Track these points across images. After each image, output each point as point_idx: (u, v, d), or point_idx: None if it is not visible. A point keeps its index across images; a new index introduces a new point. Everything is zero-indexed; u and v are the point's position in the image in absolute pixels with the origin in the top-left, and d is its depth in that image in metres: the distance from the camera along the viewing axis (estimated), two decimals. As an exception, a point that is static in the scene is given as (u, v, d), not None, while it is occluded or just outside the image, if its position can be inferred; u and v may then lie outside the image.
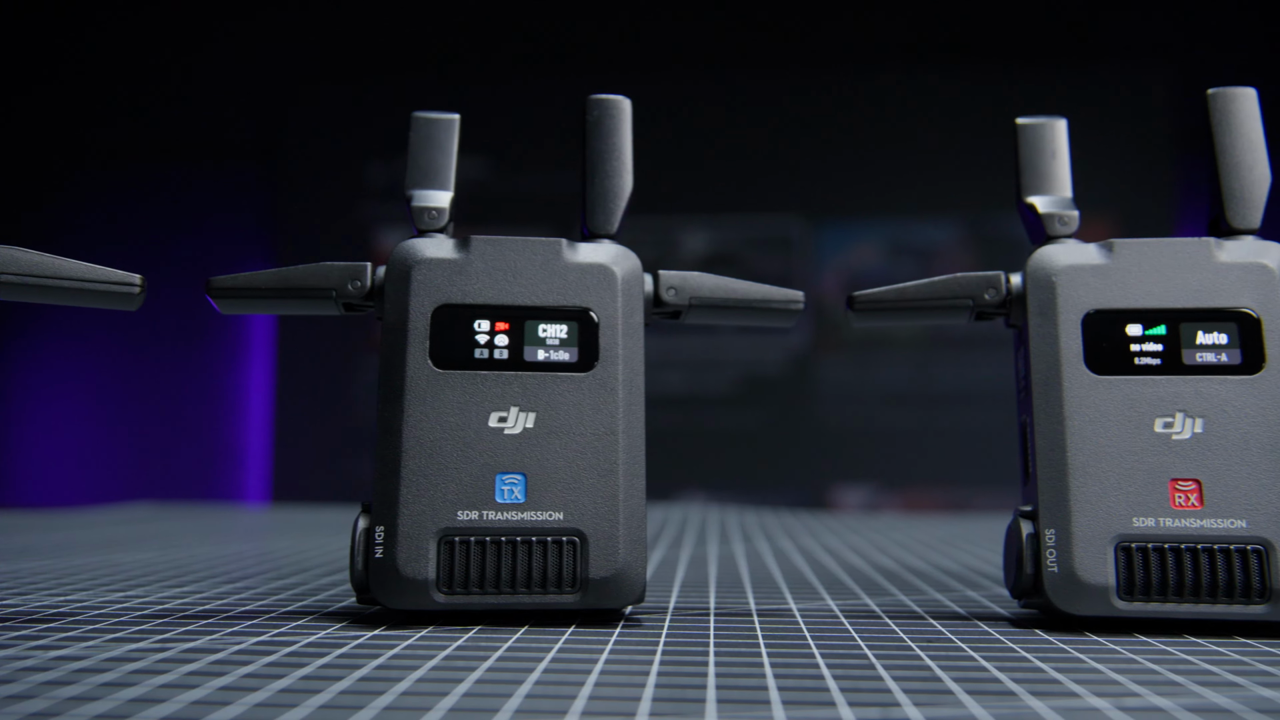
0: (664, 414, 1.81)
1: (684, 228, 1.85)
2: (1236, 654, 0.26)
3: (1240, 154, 0.32)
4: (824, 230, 1.83)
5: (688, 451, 1.80)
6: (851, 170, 1.79)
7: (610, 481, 0.30)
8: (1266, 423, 0.29)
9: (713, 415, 1.82)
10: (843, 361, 1.81)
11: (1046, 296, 0.31)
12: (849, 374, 1.81)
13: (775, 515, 0.83)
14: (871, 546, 0.56)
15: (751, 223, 1.84)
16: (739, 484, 1.77)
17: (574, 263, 0.31)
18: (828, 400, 1.81)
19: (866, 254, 1.81)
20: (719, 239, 1.85)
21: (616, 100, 0.34)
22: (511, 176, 1.83)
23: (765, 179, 1.82)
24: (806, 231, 1.82)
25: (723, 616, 0.32)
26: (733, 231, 1.85)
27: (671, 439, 1.79)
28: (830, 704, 0.21)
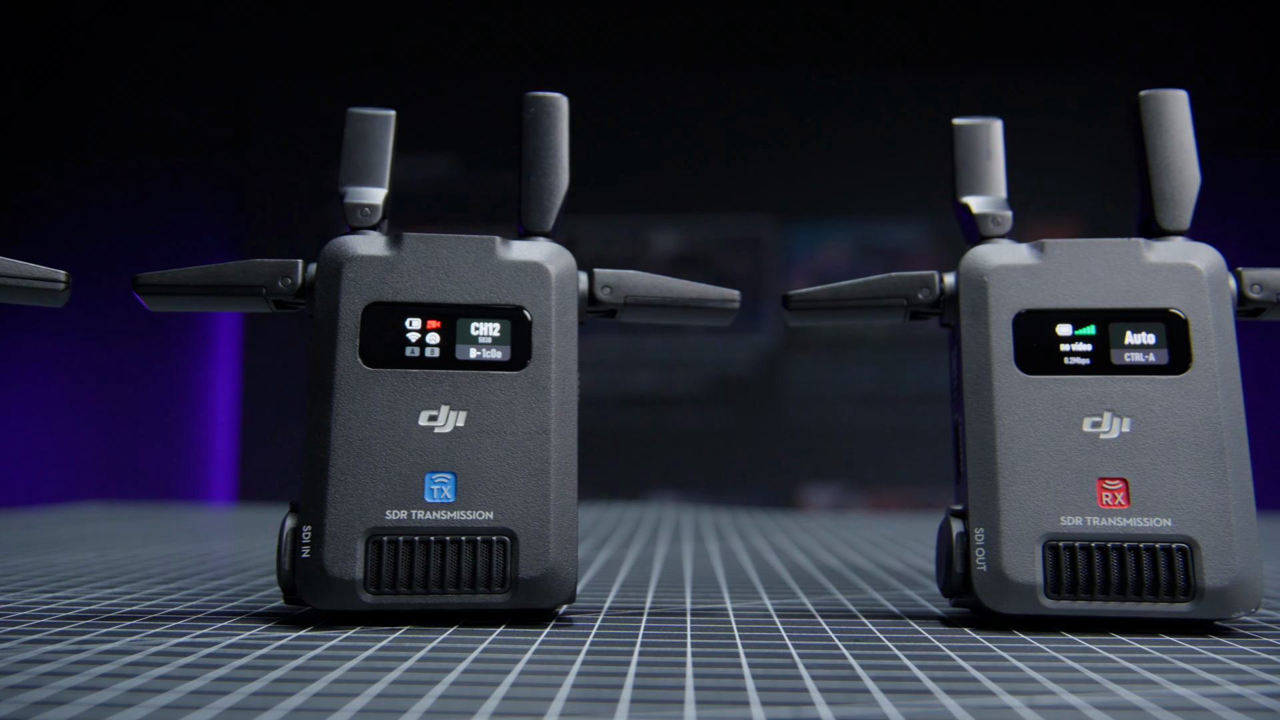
0: (634, 414, 1.81)
1: (654, 228, 1.85)
2: (1158, 652, 0.27)
3: (1170, 156, 0.32)
4: (793, 230, 1.83)
5: (657, 451, 1.80)
6: (821, 171, 1.80)
7: (541, 481, 0.30)
8: (1192, 422, 0.30)
9: (682, 415, 1.82)
10: (812, 362, 1.82)
11: (978, 296, 0.31)
12: (818, 374, 1.81)
13: (738, 515, 0.83)
14: (821, 547, 0.56)
15: (721, 223, 1.84)
16: (709, 484, 1.77)
17: (507, 260, 0.31)
18: (797, 400, 1.81)
19: (836, 254, 1.82)
20: (689, 239, 1.85)
21: (553, 98, 0.33)
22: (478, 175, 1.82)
23: (735, 179, 1.82)
24: (776, 232, 1.83)
25: (656, 616, 0.32)
26: (703, 231, 1.85)
27: (641, 439, 1.79)
28: (744, 704, 0.21)
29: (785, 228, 1.83)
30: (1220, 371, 0.30)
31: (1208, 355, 0.30)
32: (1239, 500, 0.29)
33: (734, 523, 0.74)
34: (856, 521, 0.82)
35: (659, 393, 1.83)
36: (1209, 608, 0.29)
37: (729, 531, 0.66)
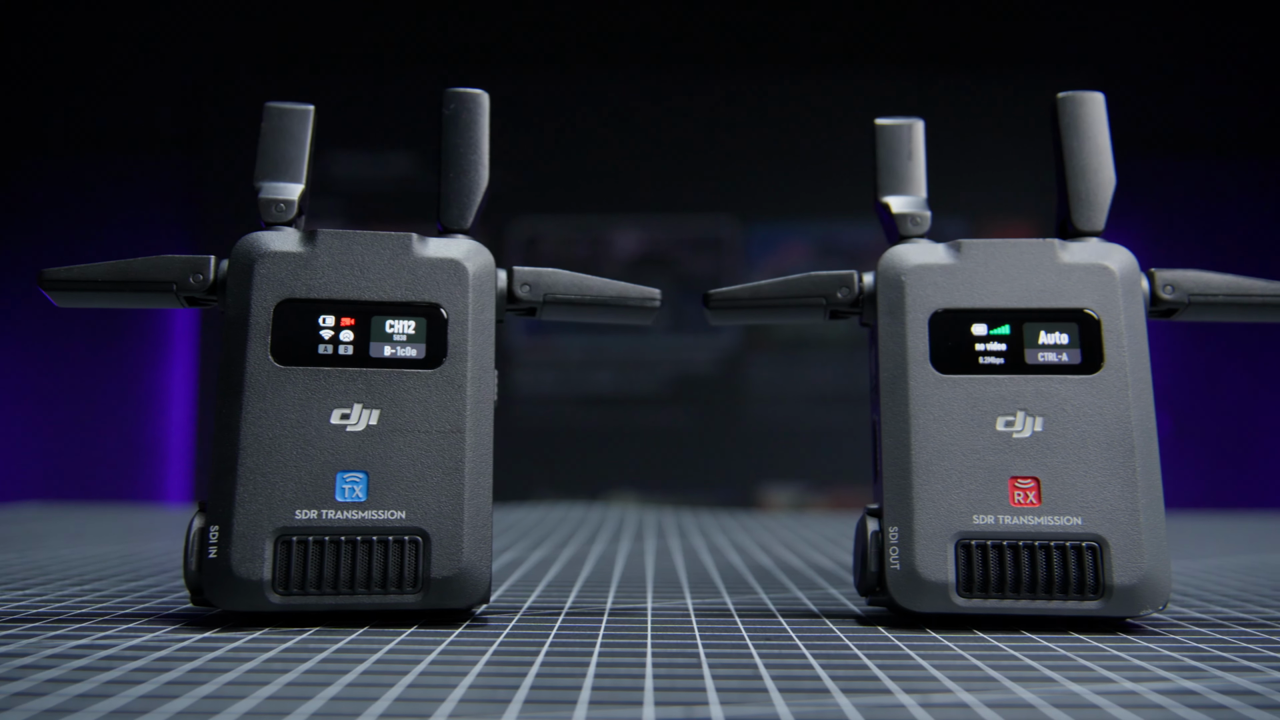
0: (594, 413, 1.80)
1: (615, 227, 1.85)
2: (1063, 649, 0.27)
3: (1087, 157, 0.32)
4: (754, 230, 1.84)
5: (618, 451, 1.79)
6: (782, 171, 1.80)
7: (455, 480, 0.30)
8: (1103, 422, 0.30)
9: (643, 415, 1.82)
10: (772, 361, 1.82)
11: (895, 296, 0.31)
12: (778, 373, 1.82)
13: (694, 515, 0.83)
14: (759, 547, 0.56)
15: (683, 223, 1.84)
16: (669, 483, 1.77)
17: (424, 258, 0.31)
18: (757, 400, 1.82)
19: (796, 254, 1.82)
20: (650, 239, 1.85)
21: (474, 94, 0.33)
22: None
23: (697, 180, 1.82)
24: (737, 232, 1.83)
25: (573, 616, 0.32)
26: (663, 231, 1.85)
27: (602, 438, 1.79)
28: (638, 704, 0.21)
29: (746, 228, 1.83)
30: (1131, 371, 0.30)
31: (1119, 355, 0.30)
32: (1148, 499, 0.29)
33: (688, 522, 0.74)
34: (811, 520, 0.82)
35: (620, 392, 1.83)
36: (1117, 605, 0.29)
37: (679, 531, 0.66)
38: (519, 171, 1.80)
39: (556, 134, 1.79)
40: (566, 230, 1.86)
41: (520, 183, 1.80)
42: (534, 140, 1.79)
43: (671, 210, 1.84)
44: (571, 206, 1.84)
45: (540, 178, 1.82)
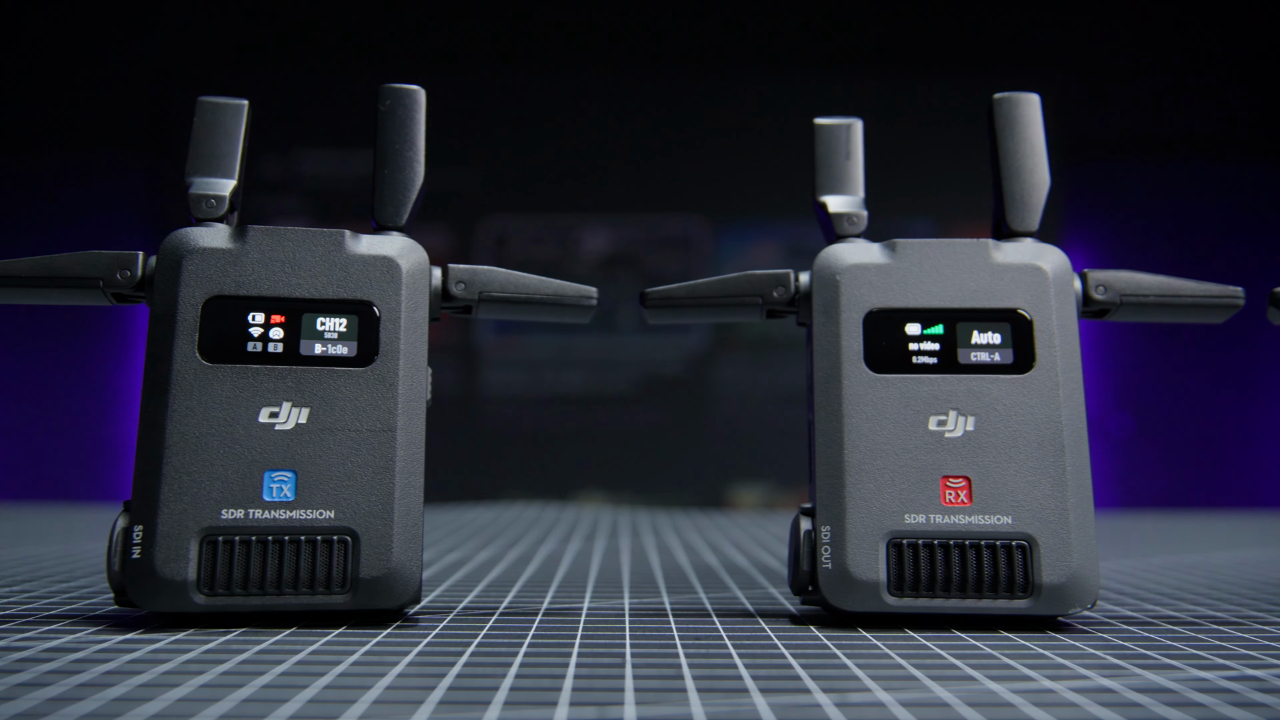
0: (562, 414, 1.80)
1: (584, 227, 1.84)
2: (990, 648, 0.27)
3: (1022, 158, 0.33)
4: (724, 231, 1.84)
5: (587, 451, 1.79)
6: (751, 172, 1.80)
7: (386, 479, 0.29)
8: (1034, 421, 0.30)
9: (612, 415, 1.82)
10: (741, 361, 1.83)
11: (830, 295, 0.31)
12: (747, 374, 1.82)
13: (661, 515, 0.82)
14: (708, 546, 0.56)
15: (651, 222, 1.84)
16: (639, 483, 1.77)
17: (357, 255, 0.31)
18: (726, 400, 1.82)
19: (765, 255, 1.83)
20: (619, 238, 1.85)
21: (410, 89, 0.33)
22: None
23: (666, 180, 1.82)
24: (706, 232, 1.83)
25: (506, 616, 0.31)
26: (633, 231, 1.85)
27: (570, 439, 1.79)
28: (552, 704, 0.21)
29: (716, 228, 1.83)
30: (1062, 371, 0.30)
31: (1050, 355, 0.30)
32: (1077, 498, 0.30)
33: (650, 522, 0.73)
34: (776, 520, 0.82)
35: (588, 392, 1.83)
36: (1046, 604, 0.29)
37: (635, 530, 0.66)
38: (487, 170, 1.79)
39: (525, 133, 1.79)
40: (535, 229, 1.85)
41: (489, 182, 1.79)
42: (503, 139, 1.79)
43: (641, 210, 1.84)
44: (540, 205, 1.83)
45: (509, 177, 1.81)
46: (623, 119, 1.80)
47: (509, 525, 0.67)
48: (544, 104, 1.81)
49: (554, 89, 1.81)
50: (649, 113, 1.82)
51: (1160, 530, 0.79)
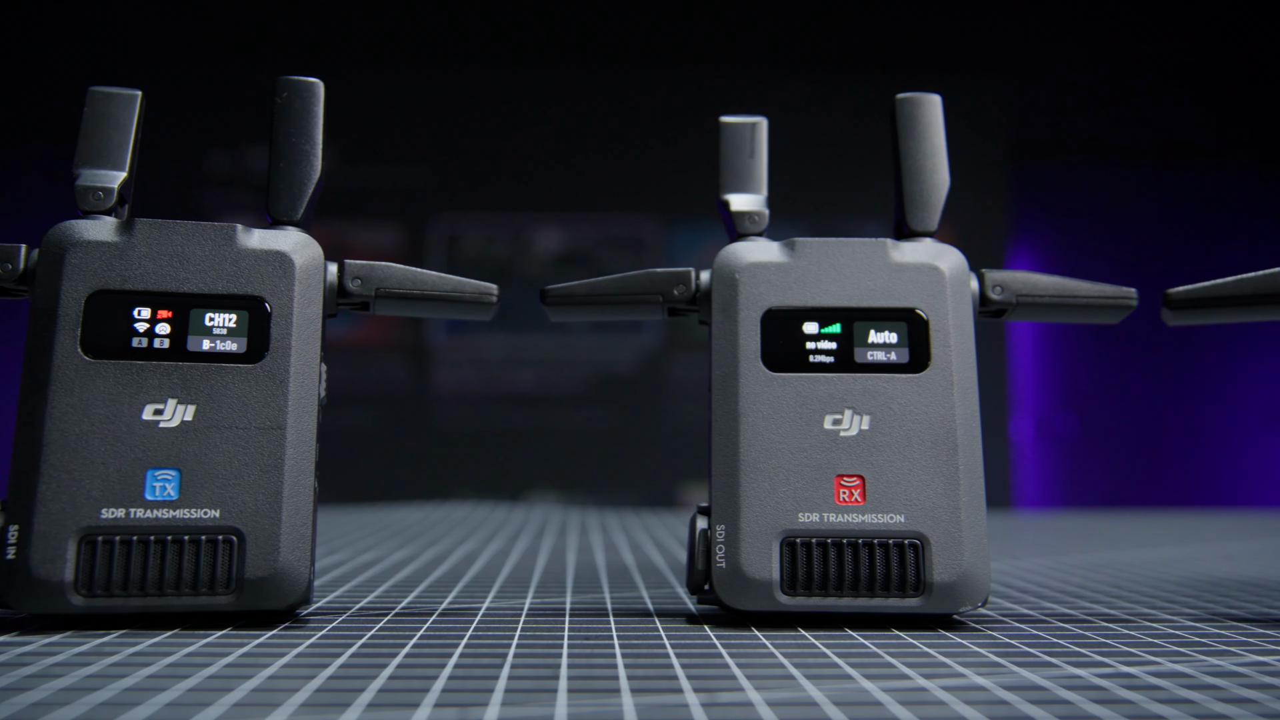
0: (515, 413, 1.79)
1: (537, 226, 1.84)
2: (876, 646, 0.27)
3: (922, 159, 0.33)
4: (676, 231, 1.84)
5: (539, 451, 1.78)
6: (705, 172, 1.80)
7: (274, 478, 0.29)
8: (928, 420, 0.30)
9: (564, 414, 1.82)
10: (694, 361, 1.83)
11: (729, 294, 0.31)
12: (699, 373, 1.82)
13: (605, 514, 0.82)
14: (651, 543, 0.56)
15: (604, 222, 1.84)
16: (591, 483, 1.76)
17: (248, 249, 0.30)
18: (679, 400, 1.82)
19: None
20: (572, 238, 1.84)
21: (308, 82, 0.32)
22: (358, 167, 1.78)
23: (619, 179, 1.82)
24: (659, 232, 1.83)
25: (400, 617, 0.31)
26: (586, 230, 1.84)
27: (522, 438, 1.78)
28: (415, 705, 0.21)
29: (668, 228, 1.83)
30: (957, 371, 0.30)
31: (945, 355, 0.30)
32: (969, 496, 0.30)
33: (591, 521, 0.73)
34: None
35: (541, 392, 1.82)
36: (937, 602, 0.29)
37: (584, 529, 0.65)
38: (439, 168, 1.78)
39: (478, 131, 1.78)
40: (487, 228, 1.84)
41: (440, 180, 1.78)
42: (455, 137, 1.78)
43: (594, 209, 1.83)
44: (493, 204, 1.82)
45: (461, 175, 1.80)
46: (577, 119, 1.80)
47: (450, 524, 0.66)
48: (497, 102, 1.80)
49: (507, 87, 1.80)
50: (603, 113, 1.82)
51: (1089, 528, 0.81)
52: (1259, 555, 0.54)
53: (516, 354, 1.81)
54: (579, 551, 0.51)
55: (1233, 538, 0.67)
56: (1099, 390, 1.76)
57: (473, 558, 0.48)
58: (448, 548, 0.52)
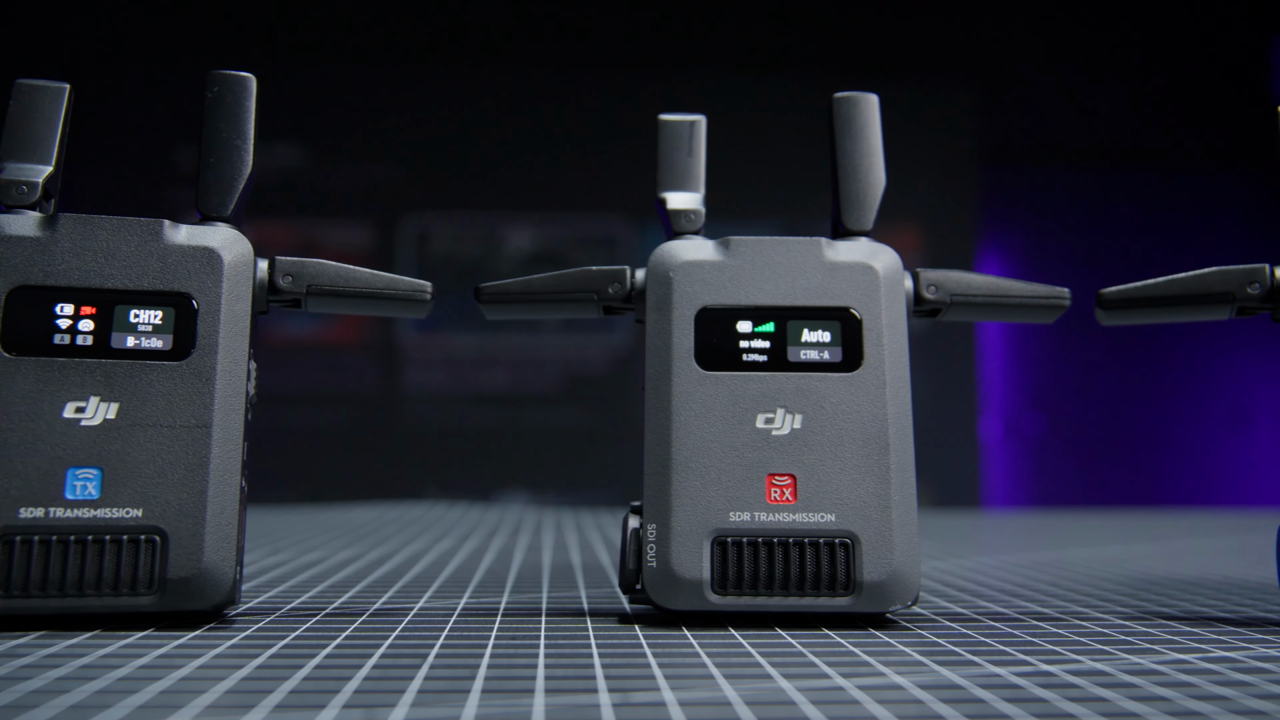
0: (486, 413, 1.79)
1: (509, 226, 1.83)
2: (802, 645, 0.27)
3: (859, 158, 0.33)
4: (648, 231, 1.84)
5: (509, 451, 1.78)
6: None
7: (198, 477, 0.28)
8: (860, 419, 0.30)
9: (535, 414, 1.81)
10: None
11: (663, 292, 0.31)
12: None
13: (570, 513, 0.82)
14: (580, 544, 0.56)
15: (576, 222, 1.84)
16: (561, 483, 1.76)
17: (175, 245, 0.30)
18: (649, 399, 1.82)
19: (690, 255, 1.83)
20: (544, 237, 1.84)
21: (240, 76, 0.32)
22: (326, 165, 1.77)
23: (591, 178, 1.82)
24: (631, 232, 1.83)
25: (331, 617, 0.31)
26: (557, 230, 1.84)
27: (493, 438, 1.77)
28: (322, 706, 0.20)
29: (640, 228, 1.83)
30: (890, 370, 0.30)
31: (878, 354, 0.31)
32: (900, 496, 0.30)
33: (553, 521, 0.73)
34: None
35: (512, 391, 1.82)
36: (867, 601, 0.29)
37: (544, 529, 0.65)
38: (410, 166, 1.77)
39: (449, 129, 1.77)
40: (458, 227, 1.83)
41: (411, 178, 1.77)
42: (426, 135, 1.77)
43: (565, 209, 1.83)
44: (464, 203, 1.82)
45: (432, 174, 1.79)
46: (549, 117, 1.79)
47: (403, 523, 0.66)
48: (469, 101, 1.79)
49: (479, 86, 1.79)
50: (575, 112, 1.81)
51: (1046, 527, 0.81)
52: (1203, 554, 0.54)
53: (487, 353, 1.80)
54: (528, 551, 0.51)
55: (1183, 536, 0.68)
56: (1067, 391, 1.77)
57: (417, 558, 0.48)
58: (395, 548, 0.52)
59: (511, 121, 1.77)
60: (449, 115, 1.77)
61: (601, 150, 1.80)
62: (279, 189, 1.74)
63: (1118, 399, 1.76)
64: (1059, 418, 1.76)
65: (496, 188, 1.78)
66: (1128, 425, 1.76)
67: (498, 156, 1.77)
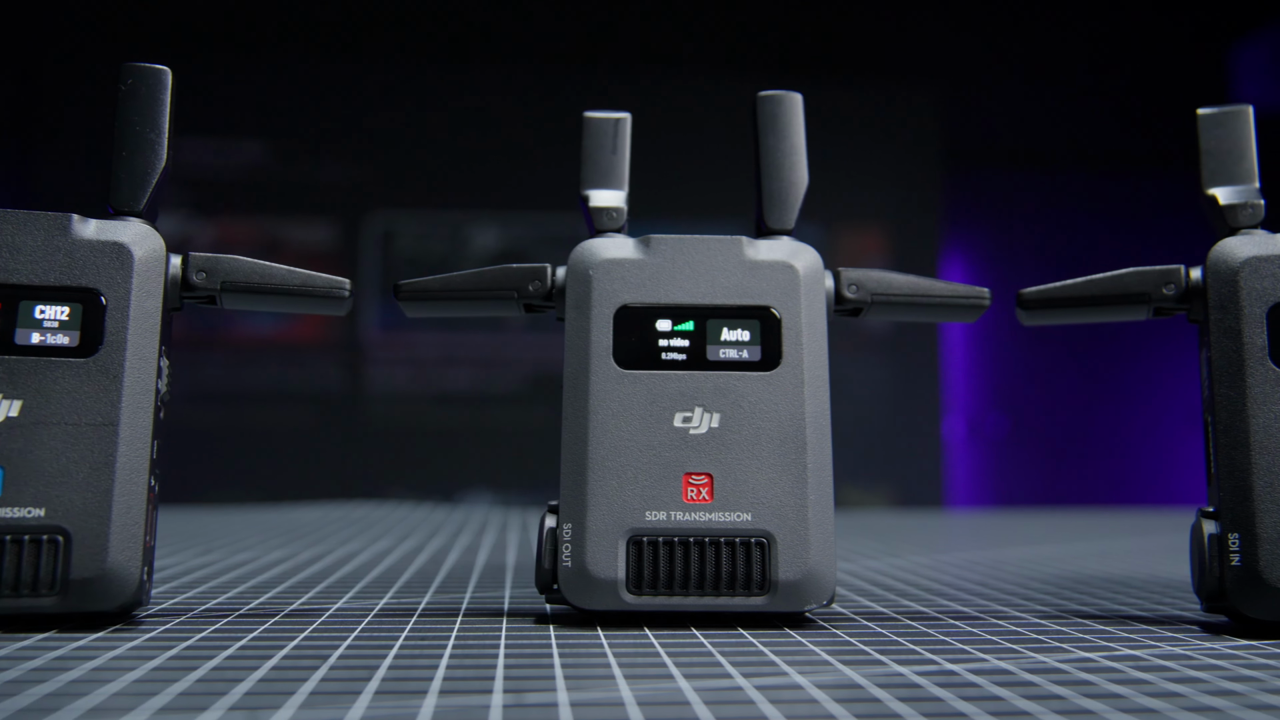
0: (450, 412, 1.78)
1: (474, 224, 1.82)
2: (712, 645, 0.27)
3: (782, 157, 0.33)
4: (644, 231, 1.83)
5: (474, 451, 1.77)
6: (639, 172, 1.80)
7: (104, 476, 0.28)
8: (778, 418, 0.30)
9: (500, 414, 1.80)
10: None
11: (582, 290, 0.31)
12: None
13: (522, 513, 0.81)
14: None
15: (541, 220, 1.83)
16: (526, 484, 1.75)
17: (84, 240, 0.29)
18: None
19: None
20: (509, 236, 1.83)
21: (155, 69, 0.32)
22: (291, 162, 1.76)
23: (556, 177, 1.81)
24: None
25: (244, 618, 0.30)
26: (523, 229, 1.83)
27: (458, 438, 1.77)
28: (203, 709, 0.20)
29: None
30: (808, 369, 0.30)
31: (797, 353, 0.30)
32: (817, 495, 0.30)
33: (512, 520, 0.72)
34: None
35: (477, 391, 1.81)
36: (782, 600, 0.29)
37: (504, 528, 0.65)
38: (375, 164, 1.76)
39: (415, 127, 1.76)
40: (424, 226, 1.82)
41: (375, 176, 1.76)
42: (391, 133, 1.76)
43: (531, 208, 1.82)
44: (429, 201, 1.81)
45: (397, 172, 1.78)
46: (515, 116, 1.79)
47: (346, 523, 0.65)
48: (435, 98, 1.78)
49: (445, 83, 1.78)
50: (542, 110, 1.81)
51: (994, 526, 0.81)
52: (1139, 553, 0.55)
53: (452, 352, 1.79)
54: (464, 552, 0.50)
55: (1124, 535, 0.68)
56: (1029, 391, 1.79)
57: (350, 559, 0.47)
58: (330, 548, 0.51)
59: (477, 120, 1.77)
60: (414, 113, 1.76)
61: (568, 149, 1.79)
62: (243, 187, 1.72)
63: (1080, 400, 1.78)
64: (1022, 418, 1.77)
65: (462, 186, 1.77)
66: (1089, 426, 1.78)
67: (463, 155, 1.76)
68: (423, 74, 1.78)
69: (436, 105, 1.77)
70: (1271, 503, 0.28)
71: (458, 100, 1.77)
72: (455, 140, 1.76)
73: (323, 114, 1.74)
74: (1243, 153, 0.32)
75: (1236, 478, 0.29)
